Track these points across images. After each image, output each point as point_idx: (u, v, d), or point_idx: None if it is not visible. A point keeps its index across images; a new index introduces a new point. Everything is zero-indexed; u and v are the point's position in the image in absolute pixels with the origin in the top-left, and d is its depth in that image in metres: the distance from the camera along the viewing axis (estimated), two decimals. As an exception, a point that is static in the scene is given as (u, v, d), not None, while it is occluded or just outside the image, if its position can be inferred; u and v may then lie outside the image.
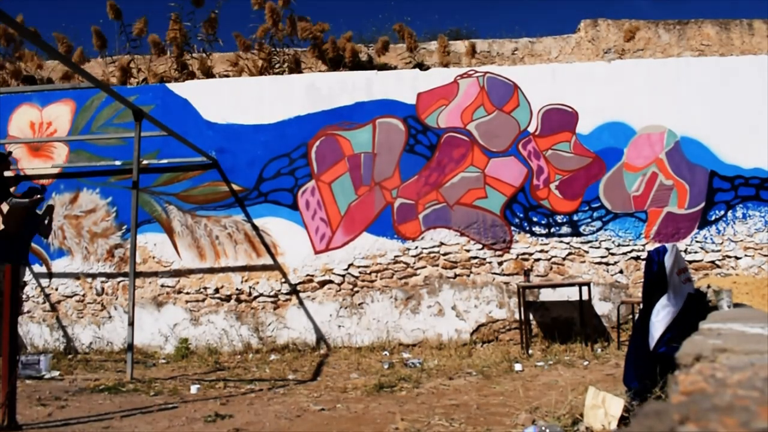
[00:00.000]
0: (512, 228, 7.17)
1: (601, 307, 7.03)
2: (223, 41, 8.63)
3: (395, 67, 8.17)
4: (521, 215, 7.16)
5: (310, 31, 8.11)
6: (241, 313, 7.20)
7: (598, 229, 7.14)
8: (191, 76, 8.24)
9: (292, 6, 8.25)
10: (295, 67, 8.20)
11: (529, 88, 7.35)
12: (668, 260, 3.64)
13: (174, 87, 7.62)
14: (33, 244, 7.46)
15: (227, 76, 8.48)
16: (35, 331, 7.35)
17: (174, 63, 8.23)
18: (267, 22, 8.10)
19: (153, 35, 8.28)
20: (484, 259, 7.14)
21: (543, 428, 3.41)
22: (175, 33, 8.08)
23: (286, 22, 8.31)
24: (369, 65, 8.25)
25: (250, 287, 7.22)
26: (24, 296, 7.38)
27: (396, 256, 7.17)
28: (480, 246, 7.16)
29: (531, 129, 7.29)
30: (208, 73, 8.25)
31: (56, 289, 7.42)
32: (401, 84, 7.43)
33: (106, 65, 8.56)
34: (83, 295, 7.37)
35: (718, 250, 7.05)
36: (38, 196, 6.62)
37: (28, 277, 7.43)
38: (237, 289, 7.23)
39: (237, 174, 7.38)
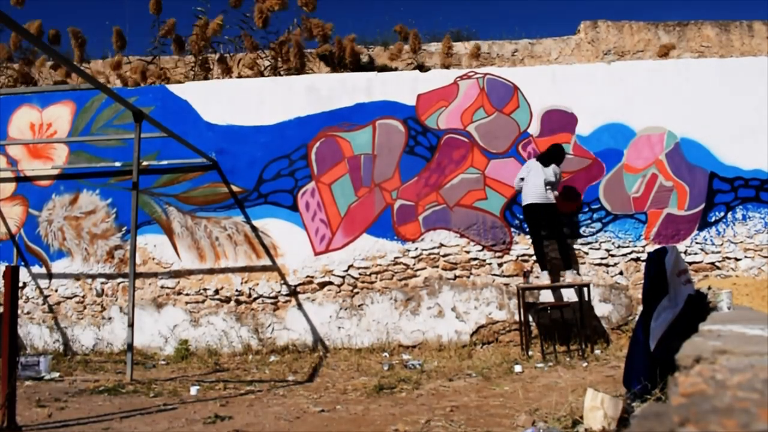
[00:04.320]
0: (512, 229, 7.17)
1: (601, 309, 7.03)
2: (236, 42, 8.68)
3: (396, 69, 8.16)
4: (521, 216, 7.15)
5: (321, 29, 8.12)
6: (240, 314, 7.20)
7: (598, 231, 7.13)
8: (208, 70, 8.26)
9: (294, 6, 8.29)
10: (301, 69, 8.20)
11: (528, 89, 7.35)
12: (668, 262, 3.65)
13: (174, 88, 7.62)
14: (32, 245, 7.47)
15: (240, 76, 8.48)
16: (35, 332, 7.35)
17: (195, 63, 8.24)
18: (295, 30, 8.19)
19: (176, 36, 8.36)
20: (484, 260, 7.14)
21: (543, 430, 3.41)
22: (214, 27, 8.14)
23: (300, 21, 8.37)
24: (370, 67, 8.25)
25: (249, 288, 7.22)
26: (24, 297, 7.38)
27: (396, 258, 7.17)
28: (480, 247, 7.15)
29: (531, 130, 7.29)
30: (228, 73, 8.27)
31: (56, 291, 7.41)
32: (401, 85, 7.43)
33: (110, 67, 8.56)
34: (83, 297, 7.37)
35: (718, 252, 7.05)
36: None
37: (27, 278, 7.43)
38: (237, 291, 7.22)
39: (237, 175, 7.38)
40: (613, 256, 7.09)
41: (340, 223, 7.25)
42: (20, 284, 7.03)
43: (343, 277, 7.18)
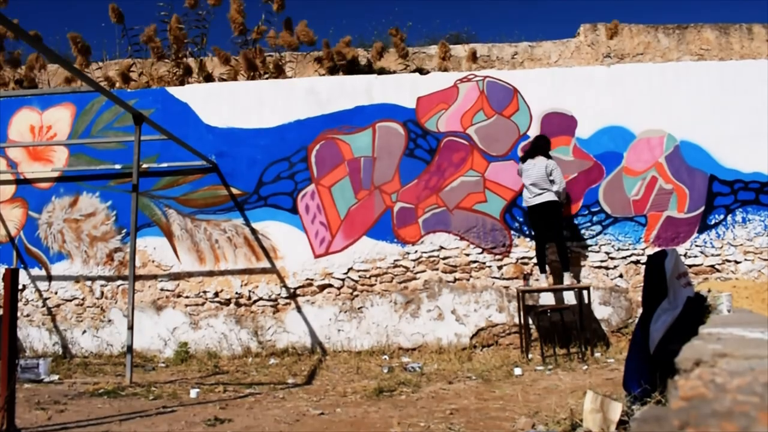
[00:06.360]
0: (512, 232, 7.17)
1: (601, 312, 7.02)
2: (216, 45, 8.65)
3: (395, 72, 8.17)
4: (521, 219, 7.16)
5: (307, 34, 8.13)
6: (240, 317, 7.19)
7: (598, 234, 7.14)
8: (188, 74, 8.22)
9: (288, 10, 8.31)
10: (279, 73, 8.18)
11: (528, 92, 7.36)
12: (668, 264, 3.65)
13: (174, 91, 7.63)
14: (32, 248, 7.47)
15: (223, 79, 8.48)
16: (34, 335, 7.34)
17: (174, 66, 8.22)
18: (253, 34, 8.17)
19: (156, 41, 8.30)
20: (484, 263, 7.14)
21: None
22: (176, 33, 8.11)
23: (282, 27, 8.35)
24: (368, 70, 8.25)
25: (249, 291, 7.22)
26: (23, 300, 7.38)
27: (395, 260, 7.17)
28: (480, 250, 7.16)
29: (531, 133, 7.29)
30: (208, 77, 8.24)
31: (56, 293, 7.41)
32: (401, 88, 7.44)
33: (106, 69, 8.57)
34: (82, 299, 7.36)
35: (718, 255, 7.05)
36: None
37: (27, 280, 7.43)
38: (236, 293, 7.22)
39: (237, 178, 7.39)
40: (612, 258, 7.10)
41: (339, 226, 7.25)
42: (20, 287, 7.02)
43: (343, 280, 7.18)
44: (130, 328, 5.60)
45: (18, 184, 7.63)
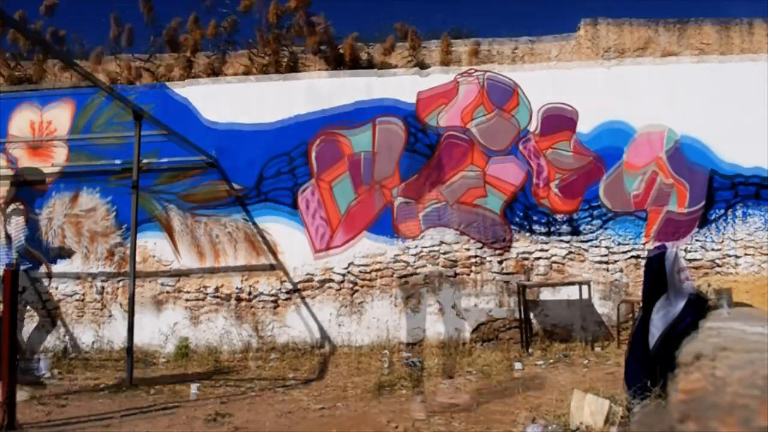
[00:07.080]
0: (512, 227, 7.17)
1: (601, 307, 7.03)
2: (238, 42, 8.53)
3: (395, 67, 8.14)
4: (521, 215, 7.15)
5: (324, 31, 8.06)
6: (241, 313, 7.20)
7: (598, 231, 7.13)
8: (196, 75, 8.17)
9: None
10: (294, 68, 8.14)
11: (529, 88, 7.36)
12: (668, 260, 3.65)
13: (174, 87, 7.61)
14: (33, 245, 7.45)
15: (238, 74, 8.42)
16: (34, 333, 7.34)
17: (184, 63, 8.15)
18: (270, 20, 8.05)
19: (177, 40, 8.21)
20: (484, 258, 7.14)
21: (542, 428, 3.42)
22: (195, 36, 8.05)
23: (294, 21, 8.28)
24: (369, 65, 8.23)
25: (250, 287, 7.22)
26: (23, 302, 7.36)
27: (396, 256, 7.17)
28: (480, 245, 7.15)
29: (531, 129, 7.28)
30: (217, 74, 8.15)
31: (56, 290, 7.40)
32: (401, 84, 7.43)
33: (107, 65, 8.53)
34: (83, 295, 7.37)
35: (718, 250, 7.05)
36: None
37: (26, 278, 7.42)
38: (237, 289, 7.22)
39: (237, 174, 7.38)
40: (613, 254, 7.09)
41: (340, 222, 7.25)
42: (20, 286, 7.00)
43: (344, 276, 7.18)
44: (130, 329, 5.58)
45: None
